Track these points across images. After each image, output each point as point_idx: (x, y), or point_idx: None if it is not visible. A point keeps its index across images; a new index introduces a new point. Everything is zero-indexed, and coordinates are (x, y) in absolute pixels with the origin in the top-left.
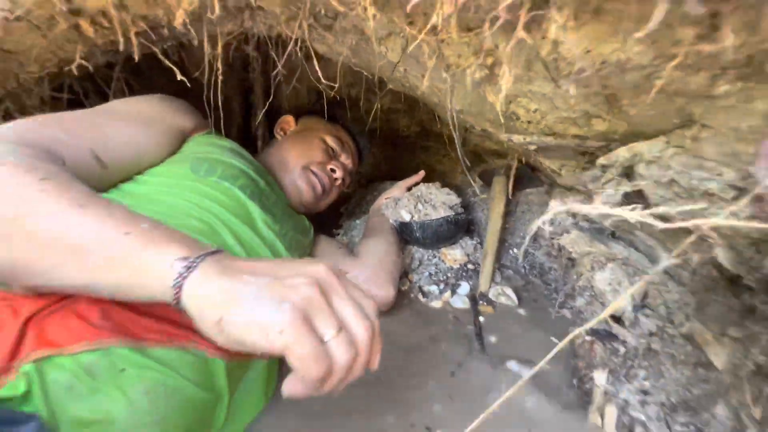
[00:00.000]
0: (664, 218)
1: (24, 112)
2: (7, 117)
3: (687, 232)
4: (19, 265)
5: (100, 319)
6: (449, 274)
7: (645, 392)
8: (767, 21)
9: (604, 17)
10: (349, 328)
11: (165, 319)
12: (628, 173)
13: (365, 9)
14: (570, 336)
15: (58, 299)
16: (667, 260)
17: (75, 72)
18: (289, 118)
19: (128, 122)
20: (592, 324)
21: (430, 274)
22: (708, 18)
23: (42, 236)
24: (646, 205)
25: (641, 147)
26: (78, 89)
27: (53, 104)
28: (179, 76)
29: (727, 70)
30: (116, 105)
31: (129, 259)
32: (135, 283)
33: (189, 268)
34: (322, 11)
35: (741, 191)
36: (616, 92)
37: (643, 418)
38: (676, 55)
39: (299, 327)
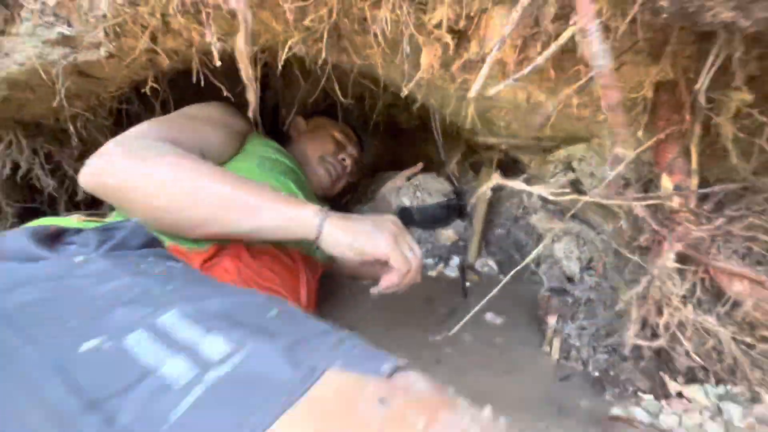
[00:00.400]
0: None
1: (96, 121)
2: (86, 128)
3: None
4: (208, 220)
5: (237, 274)
6: (443, 250)
7: (583, 328)
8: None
9: (521, 83)
10: (414, 250)
11: (268, 278)
12: (572, 168)
13: (376, 62)
14: (514, 271)
15: (209, 257)
16: (561, 223)
17: (149, 92)
18: (301, 120)
19: (213, 126)
20: (530, 258)
21: (427, 250)
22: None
23: (225, 201)
24: (582, 191)
25: (573, 149)
26: (134, 100)
27: (117, 114)
28: (225, 93)
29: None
30: (195, 111)
31: (285, 213)
32: (289, 227)
33: (326, 216)
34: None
35: (627, 181)
36: (547, 112)
37: (577, 344)
38: (561, 100)
39: (395, 243)
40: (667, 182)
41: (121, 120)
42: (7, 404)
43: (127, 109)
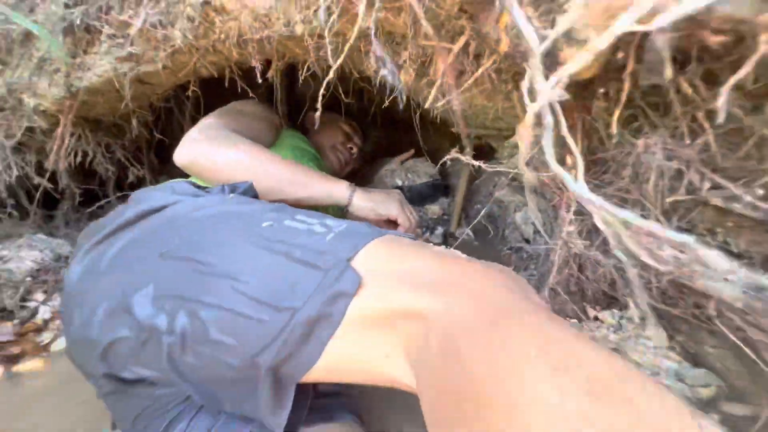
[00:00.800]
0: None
1: (143, 117)
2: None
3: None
4: (273, 191)
5: None
6: (430, 222)
7: (532, 275)
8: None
9: (466, 93)
10: (413, 214)
11: None
12: None
13: (370, 74)
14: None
15: None
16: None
17: (190, 94)
18: (313, 114)
19: (258, 120)
20: (480, 216)
21: None
22: (505, 93)
23: (285, 177)
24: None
25: None
26: (171, 99)
27: (157, 110)
28: (251, 93)
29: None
30: (244, 107)
31: (327, 186)
32: (329, 196)
33: (354, 189)
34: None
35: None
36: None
37: None
38: (493, 105)
39: (403, 209)
40: (569, 159)
41: (159, 116)
42: (231, 243)
43: (162, 106)
